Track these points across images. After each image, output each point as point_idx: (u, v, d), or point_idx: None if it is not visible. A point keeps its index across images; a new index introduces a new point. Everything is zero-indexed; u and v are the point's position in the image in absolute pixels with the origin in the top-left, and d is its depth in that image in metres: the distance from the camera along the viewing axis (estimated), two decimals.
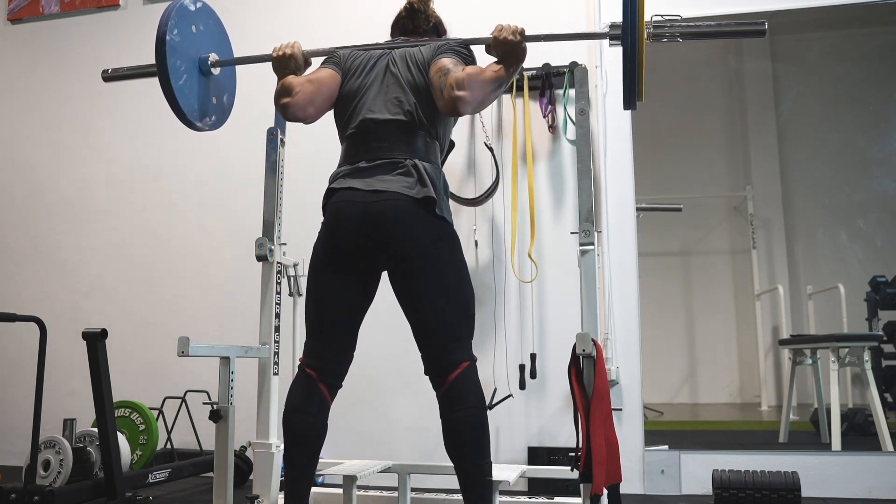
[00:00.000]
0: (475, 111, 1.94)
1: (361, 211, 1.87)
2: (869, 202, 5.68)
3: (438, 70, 1.90)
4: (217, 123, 2.33)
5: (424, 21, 2.22)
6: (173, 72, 2.09)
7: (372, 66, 2.03)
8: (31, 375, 2.33)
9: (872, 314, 4.48)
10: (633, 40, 1.74)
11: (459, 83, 1.83)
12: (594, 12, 3.23)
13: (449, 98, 1.83)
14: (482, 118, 3.24)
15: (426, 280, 1.85)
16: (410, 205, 1.85)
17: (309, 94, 1.97)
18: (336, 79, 2.03)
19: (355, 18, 3.58)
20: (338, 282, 1.92)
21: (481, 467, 1.79)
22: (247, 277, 3.12)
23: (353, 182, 1.91)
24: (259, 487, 2.32)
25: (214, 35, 2.31)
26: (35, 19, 4.11)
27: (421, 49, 2.02)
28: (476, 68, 1.91)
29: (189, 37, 2.16)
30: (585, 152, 2.36)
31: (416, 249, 1.85)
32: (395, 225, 1.84)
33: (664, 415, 4.82)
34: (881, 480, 2.78)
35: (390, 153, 1.92)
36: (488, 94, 1.89)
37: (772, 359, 5.42)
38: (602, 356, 1.93)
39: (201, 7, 2.23)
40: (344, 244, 1.90)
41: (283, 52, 2.07)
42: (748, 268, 5.53)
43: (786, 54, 5.85)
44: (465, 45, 2.04)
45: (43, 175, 3.96)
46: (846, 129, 5.68)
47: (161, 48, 2.07)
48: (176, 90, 2.10)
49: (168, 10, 2.10)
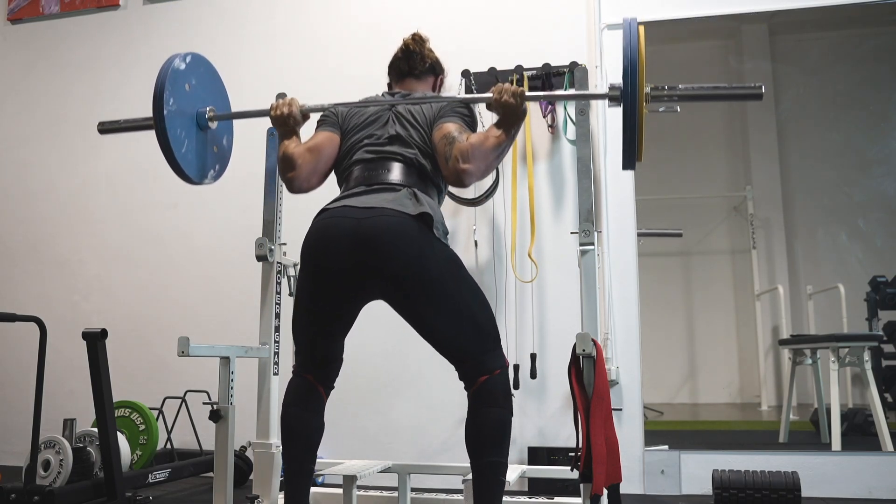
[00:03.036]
0: (479, 180, 1.93)
1: (352, 228, 1.78)
2: (869, 202, 5.67)
3: (444, 137, 1.88)
4: (220, 173, 2.34)
5: (420, 62, 2.20)
6: (175, 142, 2.08)
7: (372, 122, 2.02)
8: (31, 375, 2.33)
9: (872, 314, 4.48)
10: (633, 105, 1.74)
11: (465, 155, 1.82)
12: (594, 12, 3.23)
13: (454, 170, 1.83)
14: (482, 118, 3.24)
15: (433, 305, 1.81)
16: (407, 221, 1.77)
17: (311, 165, 1.97)
18: (334, 141, 2.02)
19: (355, 17, 3.59)
20: (324, 302, 1.86)
21: (497, 465, 1.80)
22: (247, 277, 3.12)
23: (346, 202, 1.85)
24: (259, 487, 2.32)
25: (208, 84, 2.28)
26: (35, 19, 4.11)
27: (423, 108, 2.00)
28: (480, 137, 1.87)
29: (184, 96, 2.14)
30: (585, 152, 2.36)
31: (416, 270, 1.77)
32: (390, 243, 1.75)
33: (664, 415, 4.82)
34: (881, 480, 2.78)
35: (388, 181, 1.89)
36: (492, 163, 1.87)
37: (772, 359, 5.41)
38: (602, 356, 1.93)
39: (191, 60, 2.18)
40: (332, 262, 1.80)
41: (280, 111, 2.06)
42: (748, 268, 5.53)
43: (786, 54, 5.85)
44: (466, 106, 2.02)
45: (43, 175, 3.96)
46: (846, 129, 5.68)
47: (161, 124, 2.04)
48: (180, 159, 2.10)
49: (161, 76, 2.06)
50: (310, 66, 3.59)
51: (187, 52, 2.18)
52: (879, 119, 5.72)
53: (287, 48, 3.65)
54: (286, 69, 3.61)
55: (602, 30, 3.20)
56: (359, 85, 3.49)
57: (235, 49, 3.74)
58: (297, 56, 3.62)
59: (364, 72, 3.49)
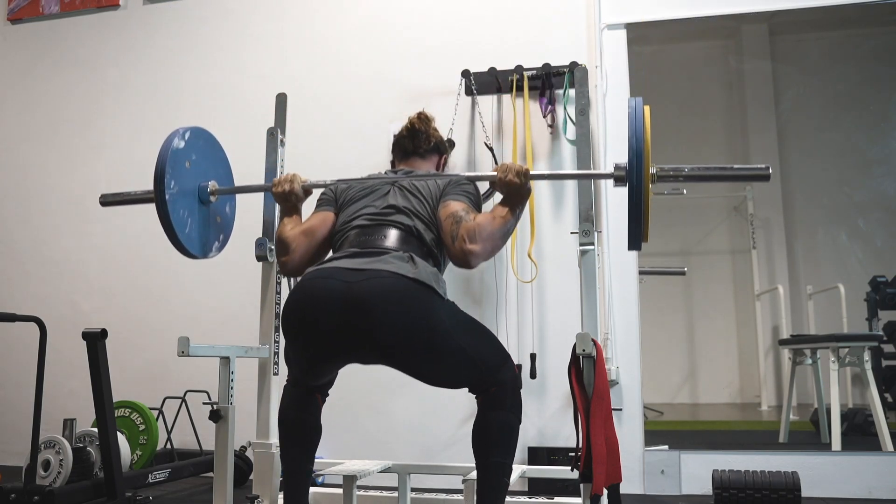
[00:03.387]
0: (486, 260, 1.89)
1: (343, 291, 1.69)
2: (869, 202, 5.68)
3: (450, 216, 1.87)
4: (224, 243, 2.32)
5: (425, 141, 2.19)
6: (178, 224, 2.06)
7: (373, 191, 2.00)
8: (31, 375, 2.33)
9: (872, 314, 4.48)
10: (639, 187, 1.73)
11: (471, 235, 1.80)
12: (594, 12, 3.23)
13: (461, 250, 1.81)
14: (482, 118, 3.25)
15: (433, 365, 1.79)
16: (401, 283, 1.70)
17: (304, 249, 1.96)
18: (328, 221, 2.01)
19: (355, 17, 3.59)
20: (311, 359, 1.83)
21: (502, 467, 1.80)
22: (247, 277, 3.12)
23: (337, 263, 1.79)
24: (259, 487, 2.32)
25: (208, 155, 2.25)
26: (35, 19, 4.11)
27: (427, 182, 1.99)
28: (486, 218, 1.85)
29: (185, 174, 2.11)
30: (585, 152, 2.36)
31: (413, 338, 1.71)
32: (385, 311, 1.67)
33: (664, 415, 4.82)
34: (881, 480, 2.78)
35: (383, 245, 1.84)
36: (498, 243, 1.86)
37: (772, 359, 5.42)
38: (602, 356, 1.93)
39: (190, 136, 2.15)
40: (319, 324, 1.72)
41: (282, 188, 2.06)
42: (748, 268, 5.53)
43: (786, 54, 5.86)
44: (471, 182, 2.01)
45: (43, 175, 3.96)
46: (846, 129, 5.69)
47: (163, 208, 2.02)
48: (184, 240, 2.09)
49: (160, 158, 2.04)
50: (310, 67, 3.59)
51: (186, 128, 2.14)
52: (879, 119, 5.72)
53: (287, 48, 3.65)
54: (286, 69, 3.61)
55: (602, 30, 3.20)
56: (360, 83, 3.51)
57: (235, 49, 3.74)
58: (298, 56, 3.62)
59: (364, 71, 3.51)
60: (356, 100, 3.48)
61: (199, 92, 3.75)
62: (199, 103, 3.73)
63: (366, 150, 3.40)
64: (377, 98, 3.44)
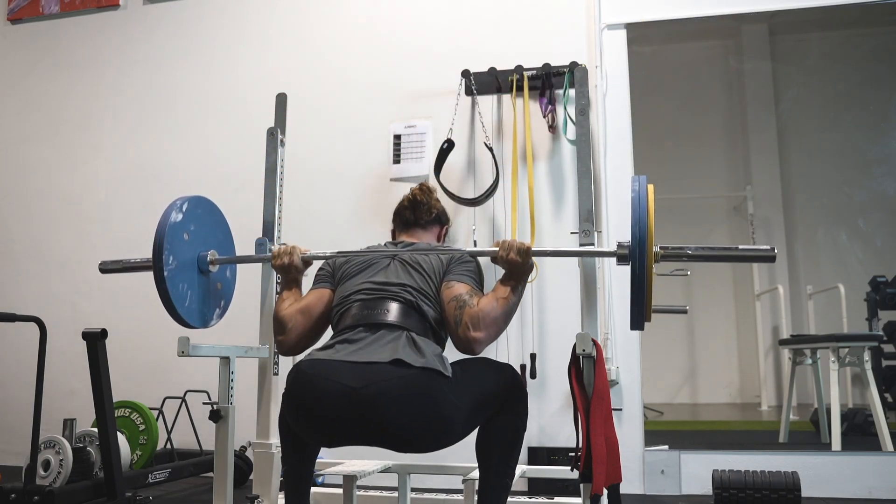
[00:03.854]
0: (489, 345, 1.86)
1: (347, 395, 1.64)
2: (869, 202, 5.68)
3: (453, 299, 1.85)
4: (224, 310, 2.30)
5: (427, 212, 2.17)
6: (177, 299, 2.04)
7: (373, 265, 1.98)
8: (31, 375, 2.33)
9: (872, 314, 4.48)
10: (642, 266, 1.72)
11: (475, 322, 1.78)
12: (594, 12, 3.23)
13: (465, 338, 1.79)
14: (482, 118, 3.25)
15: (446, 443, 1.77)
16: (409, 380, 1.66)
17: (301, 328, 1.94)
18: (324, 298, 1.98)
19: (355, 17, 3.59)
20: (317, 438, 1.81)
21: (505, 469, 1.81)
22: (247, 277, 3.11)
23: (339, 355, 1.73)
24: (259, 487, 2.32)
25: (207, 223, 2.23)
26: (35, 19, 4.11)
27: (429, 257, 1.97)
28: (489, 302, 1.82)
29: (183, 246, 2.09)
30: (585, 152, 2.36)
31: (431, 435, 1.71)
32: (395, 415, 1.64)
33: (664, 415, 4.82)
34: (881, 480, 2.78)
35: (385, 321, 1.81)
36: (501, 327, 1.84)
37: (772, 359, 5.42)
38: (602, 356, 1.93)
39: (188, 207, 2.13)
40: (326, 414, 1.67)
41: (282, 261, 2.06)
42: (748, 268, 5.53)
43: (786, 54, 5.86)
44: (473, 260, 2.00)
45: (43, 175, 3.96)
46: (846, 129, 5.69)
47: (162, 285, 2.01)
48: (184, 314, 2.07)
49: (158, 235, 2.02)
50: (310, 66, 3.59)
51: (183, 199, 2.12)
52: (879, 119, 5.72)
53: (287, 48, 3.65)
54: (286, 69, 3.61)
55: (602, 30, 3.20)
56: (360, 83, 3.51)
57: (235, 49, 3.74)
58: (297, 56, 3.62)
59: (364, 71, 3.51)
60: (356, 100, 3.48)
61: (199, 92, 3.75)
62: (199, 103, 3.73)
63: (366, 151, 3.40)
64: (377, 98, 3.44)
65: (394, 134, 3.31)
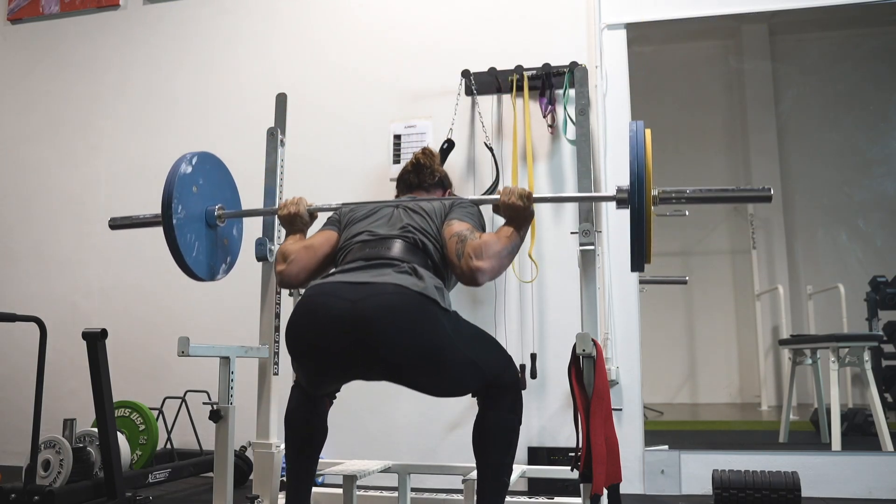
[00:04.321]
0: (491, 279, 1.88)
1: (346, 311, 1.66)
2: (869, 202, 5.68)
3: (454, 235, 1.87)
4: (231, 265, 2.35)
5: (430, 176, 2.22)
6: (185, 249, 2.08)
7: (377, 211, 2.02)
8: (31, 375, 2.33)
9: (872, 314, 4.48)
10: (641, 209, 1.73)
11: (477, 252, 1.80)
12: (594, 12, 3.23)
13: (467, 268, 1.80)
14: (482, 118, 3.25)
15: (439, 379, 1.79)
16: (405, 297, 1.69)
17: (303, 262, 1.96)
18: (331, 240, 2.01)
19: (355, 17, 3.59)
20: (317, 374, 1.82)
21: (502, 467, 1.81)
22: (247, 277, 3.12)
23: (339, 277, 1.78)
24: (259, 487, 2.32)
25: (215, 179, 2.28)
26: (35, 19, 4.11)
27: (431, 202, 2.02)
28: (491, 237, 1.86)
29: (192, 199, 2.14)
30: (585, 152, 2.36)
31: (418, 353, 1.71)
32: (389, 328, 1.66)
33: (664, 415, 4.82)
34: (881, 480, 2.78)
35: (387, 256, 1.83)
36: (504, 262, 1.86)
37: (772, 359, 5.42)
38: (602, 356, 1.93)
39: (197, 161, 2.18)
40: (324, 345, 1.70)
41: (288, 211, 2.09)
42: (748, 268, 5.54)
43: (786, 54, 5.86)
44: (474, 206, 2.03)
45: (43, 175, 3.96)
46: (846, 129, 5.69)
47: (170, 233, 2.04)
48: (191, 264, 2.11)
49: (167, 187, 2.06)
50: (310, 66, 3.59)
51: (193, 153, 2.19)
52: (879, 119, 5.72)
53: (287, 48, 3.65)
54: (286, 69, 3.61)
55: (602, 30, 3.20)
56: (360, 83, 3.51)
57: (235, 49, 3.74)
58: (298, 56, 3.62)
59: (364, 71, 3.51)
60: (356, 100, 3.48)
61: (199, 92, 3.75)
62: (199, 103, 3.73)
63: (366, 151, 3.40)
64: (377, 98, 3.44)
65: (394, 134, 3.31)
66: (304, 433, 1.90)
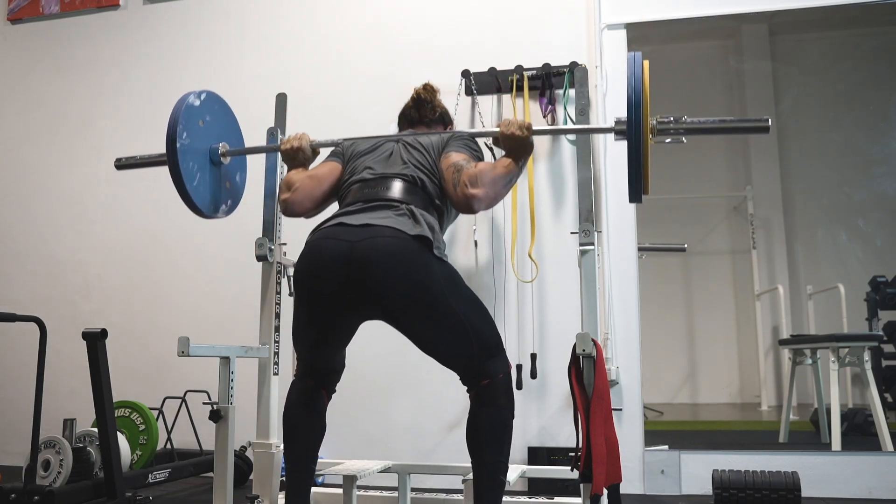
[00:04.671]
0: (488, 207, 1.90)
1: (345, 252, 1.73)
2: (869, 202, 5.68)
3: (451, 165, 1.90)
4: (232, 207, 2.36)
5: (430, 111, 2.24)
6: (187, 175, 2.09)
7: (378, 146, 2.04)
8: (31, 375, 2.33)
9: (872, 314, 4.48)
10: (638, 139, 1.74)
11: (473, 180, 1.83)
12: (594, 12, 3.23)
13: (463, 195, 1.83)
14: (482, 118, 3.25)
15: (433, 326, 1.81)
16: (403, 242, 1.73)
17: (308, 190, 1.99)
18: (335, 170, 2.05)
19: (356, 16, 3.59)
20: (319, 325, 1.85)
21: (497, 464, 1.80)
22: (247, 277, 3.12)
23: (341, 219, 1.82)
24: (259, 487, 2.32)
25: (221, 120, 2.31)
26: (35, 19, 4.11)
27: (430, 136, 2.04)
28: (488, 164, 1.89)
29: (198, 132, 2.16)
30: (585, 152, 2.36)
31: (414, 295, 1.74)
32: (386, 269, 1.71)
33: (664, 415, 4.82)
34: (881, 480, 2.78)
35: (386, 197, 1.87)
36: (501, 190, 1.87)
37: (772, 359, 5.42)
38: (602, 356, 1.93)
39: (206, 97, 2.22)
40: (322, 287, 1.77)
41: (290, 145, 2.10)
42: (748, 268, 5.53)
43: (786, 54, 5.86)
44: (472, 139, 2.05)
45: (43, 175, 3.96)
46: (846, 129, 5.69)
47: (173, 157, 2.05)
48: (191, 192, 2.11)
49: (175, 111, 2.08)
50: (310, 67, 3.59)
51: (202, 90, 2.21)
52: (879, 119, 5.72)
53: (288, 47, 3.65)
54: (287, 68, 3.61)
55: (602, 30, 3.20)
56: (360, 83, 3.51)
57: (236, 49, 3.74)
58: (299, 55, 3.62)
59: (364, 71, 3.51)
60: (356, 100, 3.48)
61: None
62: None
63: None
64: (377, 98, 3.44)
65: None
66: (302, 431, 1.90)
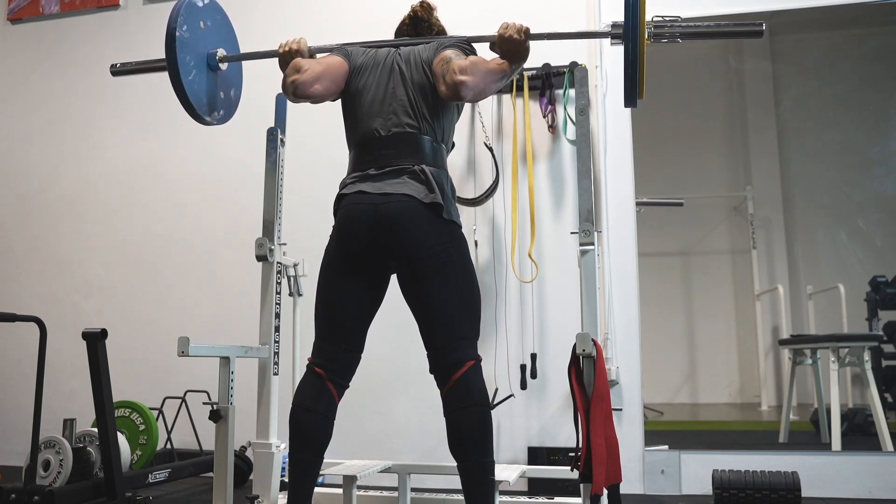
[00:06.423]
0: (476, 99, 1.97)
1: (372, 213, 1.89)
2: (869, 202, 5.67)
3: (441, 60, 1.95)
4: (225, 118, 2.37)
5: (427, 30, 2.27)
6: (183, 67, 2.11)
7: (378, 65, 2.06)
8: (31, 375, 2.33)
9: (872, 314, 4.48)
10: (634, 40, 1.77)
11: (462, 69, 1.87)
12: (594, 11, 3.23)
13: (451, 82, 1.87)
14: (482, 118, 3.25)
15: (435, 281, 1.87)
16: (420, 207, 1.88)
17: (317, 73, 1.99)
18: (344, 66, 2.06)
19: (356, 15, 3.59)
20: (348, 284, 1.93)
21: (484, 465, 1.79)
22: (247, 277, 3.12)
23: (362, 186, 1.94)
24: (259, 487, 2.32)
25: (222, 31, 2.35)
26: (35, 19, 4.11)
27: (426, 47, 2.06)
28: (480, 59, 1.95)
29: (197, 32, 2.19)
30: (585, 152, 2.36)
31: (425, 251, 1.87)
32: (405, 226, 1.86)
33: (664, 415, 4.82)
34: (881, 480, 2.78)
35: (398, 160, 1.94)
36: (490, 84, 1.92)
37: (772, 359, 5.41)
38: (602, 356, 1.93)
39: (209, 3, 2.27)
40: (354, 246, 1.92)
41: (289, 48, 2.10)
42: (748, 268, 5.53)
43: (786, 54, 5.85)
44: (468, 42, 2.09)
45: (44, 175, 3.96)
46: (846, 129, 5.68)
47: (171, 43, 2.08)
48: (185, 85, 2.12)
49: (177, 6, 2.12)
50: None
51: None
52: (879, 119, 5.72)
53: None
54: None
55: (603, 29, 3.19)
56: None
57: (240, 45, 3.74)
58: None
59: None
60: None
61: None
62: None
63: None
64: None
65: None
66: (308, 434, 1.86)
